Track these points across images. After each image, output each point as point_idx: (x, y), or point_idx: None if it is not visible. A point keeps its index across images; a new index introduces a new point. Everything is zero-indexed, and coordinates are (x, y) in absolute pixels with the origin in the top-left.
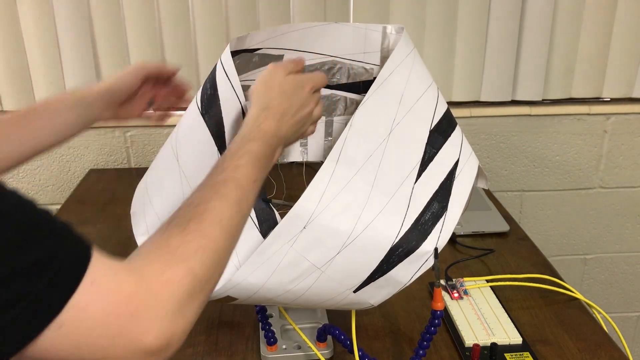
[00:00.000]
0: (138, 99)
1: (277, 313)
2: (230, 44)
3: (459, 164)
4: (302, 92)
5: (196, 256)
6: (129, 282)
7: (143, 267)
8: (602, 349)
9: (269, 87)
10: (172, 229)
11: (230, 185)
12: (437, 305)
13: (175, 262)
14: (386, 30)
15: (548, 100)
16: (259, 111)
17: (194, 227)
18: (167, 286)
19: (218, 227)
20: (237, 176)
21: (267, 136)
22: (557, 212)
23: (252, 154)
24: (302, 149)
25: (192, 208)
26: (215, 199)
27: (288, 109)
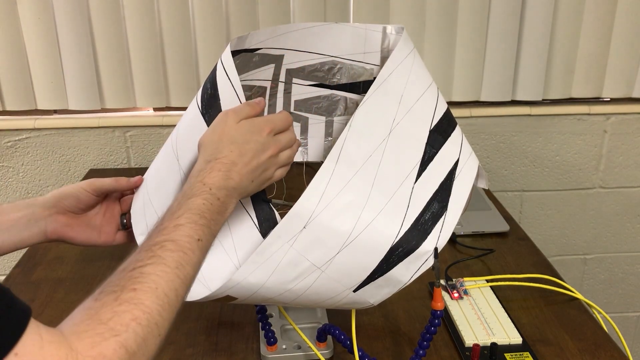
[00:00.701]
0: (106, 221)
1: (277, 313)
2: (230, 43)
3: (459, 163)
4: (257, 137)
5: (129, 329)
6: (55, 357)
7: (73, 340)
8: (602, 349)
9: (217, 136)
10: (105, 297)
11: (169, 247)
12: (437, 305)
13: (107, 336)
14: (386, 31)
15: (548, 100)
16: (203, 164)
17: (128, 295)
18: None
19: (153, 296)
20: (176, 237)
21: (213, 190)
22: (557, 212)
23: (194, 211)
24: (302, 149)
25: (126, 273)
26: (152, 264)
27: (239, 158)
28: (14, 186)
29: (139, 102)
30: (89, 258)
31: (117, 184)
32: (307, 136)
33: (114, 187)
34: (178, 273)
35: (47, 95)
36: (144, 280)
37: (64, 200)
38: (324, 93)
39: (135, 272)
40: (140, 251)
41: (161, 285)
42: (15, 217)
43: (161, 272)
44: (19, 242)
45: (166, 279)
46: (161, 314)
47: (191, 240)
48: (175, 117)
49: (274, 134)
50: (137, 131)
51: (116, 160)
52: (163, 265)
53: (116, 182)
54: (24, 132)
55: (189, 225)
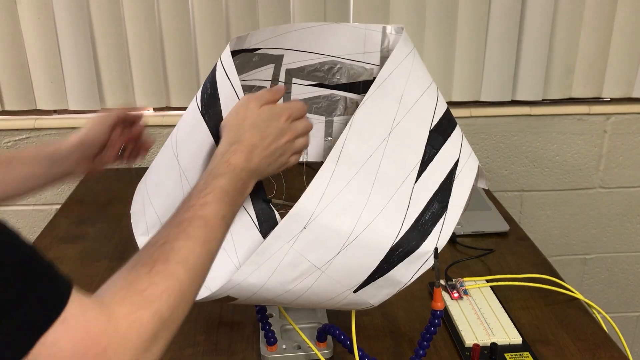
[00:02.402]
0: (108, 148)
1: (277, 313)
2: (230, 43)
3: (459, 163)
4: (276, 122)
5: (162, 298)
6: (98, 321)
7: (112, 307)
8: (602, 349)
9: (239, 120)
10: (140, 269)
11: (197, 223)
12: (437, 305)
13: (144, 304)
14: (386, 31)
15: (548, 100)
16: (227, 145)
17: (160, 267)
18: (134, 327)
19: (184, 268)
20: (204, 214)
21: (236, 170)
22: (557, 212)
23: (220, 190)
24: None
25: (158, 247)
26: (182, 239)
27: (259, 142)
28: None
29: (139, 102)
30: (88, 258)
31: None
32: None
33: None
34: (205, 248)
35: (47, 95)
36: (175, 254)
37: (88, 151)
38: (324, 93)
39: (167, 247)
40: (170, 226)
41: (190, 259)
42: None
43: (190, 247)
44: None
45: (195, 254)
46: (190, 285)
47: (217, 217)
48: (175, 117)
49: (291, 121)
50: None
51: None
52: (192, 240)
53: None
54: (24, 132)
55: (215, 203)
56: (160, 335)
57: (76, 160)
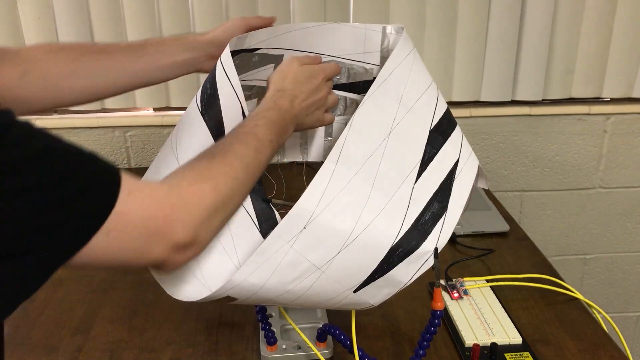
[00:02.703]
0: None
1: (277, 313)
2: (230, 43)
3: (459, 163)
4: (314, 80)
5: (220, 178)
6: (162, 190)
7: (174, 181)
8: (602, 349)
9: (284, 74)
10: (199, 160)
11: (250, 136)
12: (437, 305)
13: (203, 180)
14: (386, 31)
15: (548, 100)
16: (273, 92)
17: (219, 159)
18: (196, 196)
19: (239, 162)
20: (256, 132)
21: (282, 110)
22: (557, 212)
23: (269, 119)
24: (302, 149)
25: (215, 148)
26: (237, 143)
27: (300, 94)
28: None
29: (139, 102)
30: None
31: (257, 19)
32: (307, 136)
33: (259, 22)
34: (257, 156)
35: None
36: (232, 152)
37: (219, 50)
38: None
39: (222, 148)
40: (225, 139)
41: (245, 159)
42: (179, 59)
43: (245, 150)
44: (168, 78)
45: (249, 156)
46: (244, 178)
47: (266, 138)
48: (175, 117)
49: (326, 80)
50: (137, 131)
51: (116, 160)
52: (246, 146)
53: (255, 18)
54: None
55: (265, 127)
56: (218, 210)
57: (206, 57)
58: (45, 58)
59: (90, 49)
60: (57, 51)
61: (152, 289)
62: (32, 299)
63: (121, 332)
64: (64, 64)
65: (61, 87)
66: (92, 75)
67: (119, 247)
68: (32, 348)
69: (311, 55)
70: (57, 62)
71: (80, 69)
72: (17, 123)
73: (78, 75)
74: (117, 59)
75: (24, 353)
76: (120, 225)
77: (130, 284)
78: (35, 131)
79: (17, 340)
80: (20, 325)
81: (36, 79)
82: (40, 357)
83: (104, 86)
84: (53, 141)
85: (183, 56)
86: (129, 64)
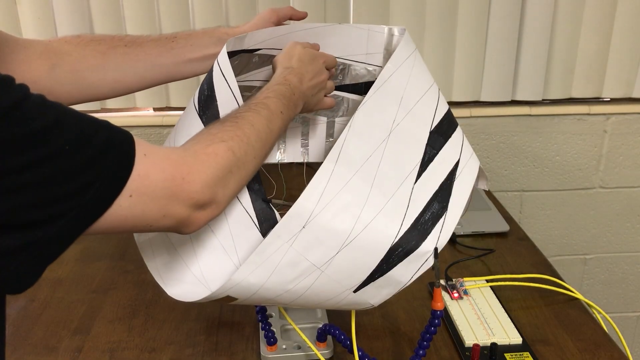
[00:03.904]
0: None
1: (277, 313)
2: (227, 44)
3: (459, 164)
4: (317, 62)
5: (234, 140)
6: (177, 152)
7: (188, 144)
8: (602, 349)
9: (290, 55)
10: (211, 127)
11: (261, 106)
12: (437, 305)
13: (217, 141)
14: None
15: (548, 100)
16: (283, 70)
17: (231, 124)
18: (211, 156)
19: (251, 128)
20: (267, 103)
21: (292, 85)
22: (557, 212)
23: (280, 92)
24: (303, 149)
25: (228, 117)
26: (249, 112)
27: (306, 73)
28: None
29: (139, 102)
30: (88, 258)
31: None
32: (309, 137)
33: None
34: (268, 125)
35: None
36: (244, 119)
37: None
38: None
39: (234, 117)
40: (237, 109)
41: (257, 125)
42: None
43: (257, 118)
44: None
45: (261, 124)
46: (256, 143)
47: (277, 109)
48: (175, 117)
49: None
50: (137, 131)
51: None
52: (258, 115)
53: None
54: None
55: (276, 99)
56: (233, 171)
57: None
58: (74, 51)
59: (120, 41)
60: (86, 44)
61: (152, 289)
62: (32, 299)
63: (121, 332)
64: (92, 58)
65: (90, 81)
66: (121, 69)
67: (142, 209)
68: (32, 348)
69: (312, 43)
70: (86, 56)
71: (109, 62)
72: (32, 96)
73: (107, 69)
74: (147, 53)
75: (24, 353)
76: (141, 187)
77: (130, 284)
78: (49, 103)
79: (17, 340)
80: (20, 325)
81: (65, 73)
82: (40, 357)
83: (133, 80)
84: (67, 110)
85: (213, 50)
86: (158, 58)
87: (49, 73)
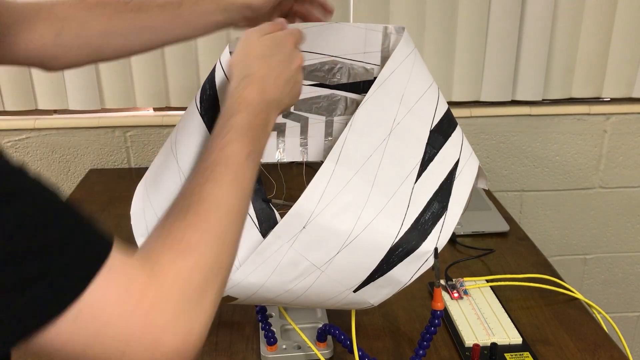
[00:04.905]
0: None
1: (277, 313)
2: (229, 44)
3: (459, 164)
4: (284, 49)
5: (200, 246)
6: (140, 278)
7: (152, 263)
8: (602, 349)
9: (245, 54)
10: (173, 221)
11: (220, 166)
12: (437, 305)
13: (182, 255)
14: (387, 31)
15: (548, 100)
16: (237, 82)
17: (193, 216)
18: (178, 280)
19: (217, 213)
20: (226, 154)
21: (253, 105)
22: (557, 212)
23: (238, 128)
24: (302, 149)
25: (188, 196)
26: (209, 184)
27: (270, 72)
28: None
29: (139, 102)
30: None
31: None
32: (307, 136)
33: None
34: (235, 189)
35: (47, 95)
36: (205, 201)
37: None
38: (324, 93)
39: (195, 196)
40: (196, 174)
41: (222, 204)
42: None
43: (220, 191)
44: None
45: (226, 197)
46: (227, 230)
47: (241, 155)
48: (175, 117)
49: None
50: (137, 131)
51: (116, 160)
52: (220, 184)
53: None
54: (24, 132)
55: (236, 141)
56: (207, 285)
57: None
58: (79, 16)
59: (125, 6)
60: (91, 8)
61: None
62: None
63: None
64: (98, 23)
65: (95, 46)
66: (126, 34)
67: (89, 341)
68: None
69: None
70: (92, 21)
71: (115, 28)
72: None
73: (112, 34)
74: (153, 19)
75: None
76: (91, 312)
77: None
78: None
79: None
80: None
81: (71, 39)
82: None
83: (139, 44)
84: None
85: (219, 17)
86: (164, 24)
87: (54, 40)
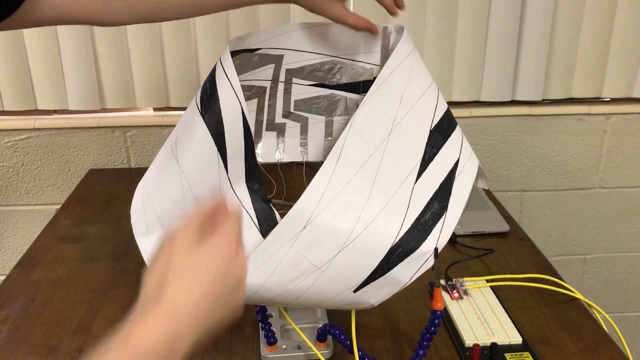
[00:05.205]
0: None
1: (277, 313)
2: (229, 44)
3: (459, 164)
4: (219, 272)
5: None
6: None
7: None
8: (602, 349)
9: (159, 276)
10: None
11: None
12: (437, 305)
13: None
14: (386, 30)
15: (548, 100)
16: (138, 312)
17: None
18: None
19: None
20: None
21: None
22: (557, 212)
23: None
24: (302, 149)
25: None
26: None
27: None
28: (14, 186)
29: (139, 102)
30: (89, 258)
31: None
32: (307, 136)
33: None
34: None
35: (47, 95)
36: None
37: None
38: (324, 93)
39: None
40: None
41: None
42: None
43: None
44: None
45: None
46: None
47: None
48: (175, 117)
49: (238, 244)
50: (137, 131)
51: (116, 160)
52: None
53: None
54: (24, 132)
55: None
56: None
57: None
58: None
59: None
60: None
61: None
62: (32, 299)
63: None
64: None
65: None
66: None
67: None
68: (32, 348)
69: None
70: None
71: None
72: None
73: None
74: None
75: (24, 353)
76: None
77: (130, 284)
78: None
79: (17, 340)
80: (20, 325)
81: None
82: (40, 357)
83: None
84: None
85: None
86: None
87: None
